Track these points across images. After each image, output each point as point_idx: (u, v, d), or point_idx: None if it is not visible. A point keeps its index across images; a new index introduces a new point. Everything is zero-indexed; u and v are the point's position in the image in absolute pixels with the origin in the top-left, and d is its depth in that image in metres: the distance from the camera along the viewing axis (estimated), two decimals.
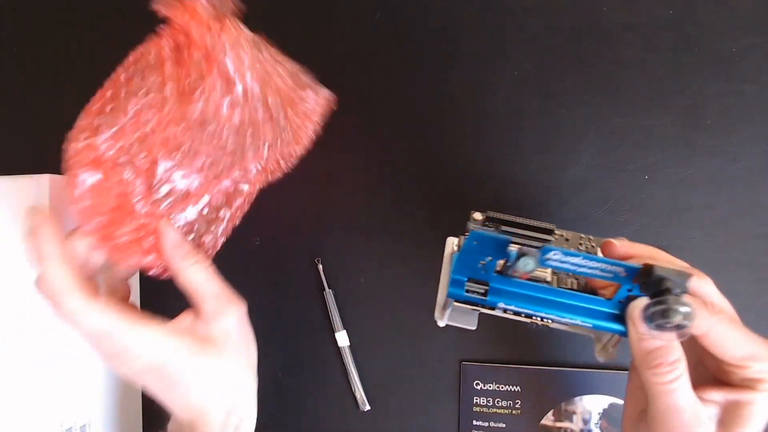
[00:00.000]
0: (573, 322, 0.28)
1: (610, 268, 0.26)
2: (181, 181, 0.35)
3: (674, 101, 0.41)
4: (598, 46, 0.42)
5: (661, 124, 0.41)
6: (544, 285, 0.29)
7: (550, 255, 0.26)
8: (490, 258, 0.27)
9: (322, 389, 0.44)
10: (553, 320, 0.29)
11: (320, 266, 0.43)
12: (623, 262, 0.26)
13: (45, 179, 0.35)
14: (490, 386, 0.42)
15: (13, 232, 0.35)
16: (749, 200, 0.40)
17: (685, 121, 0.41)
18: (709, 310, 0.27)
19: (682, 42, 0.41)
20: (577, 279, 0.30)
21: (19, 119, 0.47)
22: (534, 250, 0.25)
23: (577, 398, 0.41)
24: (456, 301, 0.30)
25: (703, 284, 0.29)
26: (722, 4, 0.41)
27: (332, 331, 0.43)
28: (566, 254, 0.25)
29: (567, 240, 0.31)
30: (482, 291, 0.28)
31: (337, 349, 0.43)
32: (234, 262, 0.44)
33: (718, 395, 0.28)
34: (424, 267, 0.42)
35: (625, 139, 0.41)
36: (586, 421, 0.41)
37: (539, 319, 0.29)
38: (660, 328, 0.25)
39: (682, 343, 0.28)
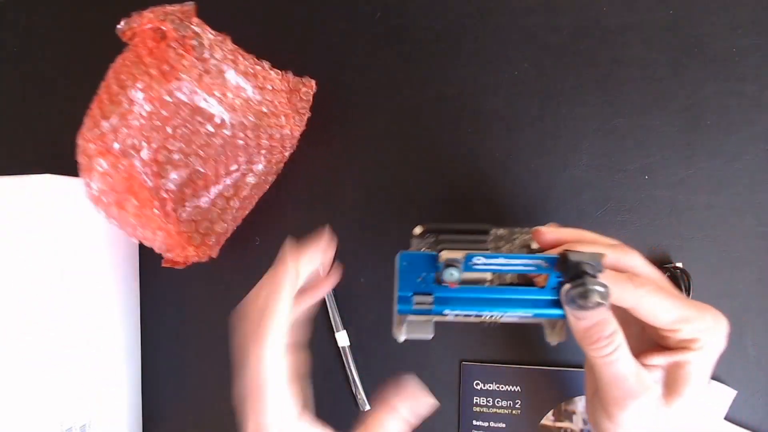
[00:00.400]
0: (516, 315, 0.30)
1: (531, 262, 0.28)
2: (186, 167, 0.38)
3: (674, 101, 0.41)
4: (598, 46, 0.42)
5: (661, 124, 0.41)
6: (484, 286, 0.30)
7: (475, 261, 0.27)
8: (424, 274, 0.29)
9: (322, 389, 0.43)
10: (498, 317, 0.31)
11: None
12: (541, 255, 0.28)
13: (45, 179, 0.35)
14: (490, 386, 0.42)
15: (13, 231, 0.35)
16: (749, 200, 0.40)
17: (685, 121, 0.41)
18: (635, 284, 0.29)
19: (682, 42, 0.41)
20: (516, 275, 0.32)
21: (19, 119, 0.47)
22: (458, 259, 0.27)
23: (577, 398, 0.41)
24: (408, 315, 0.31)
25: (630, 258, 0.31)
26: (722, 4, 0.41)
27: (332, 331, 0.43)
28: (489, 257, 0.27)
29: (502, 237, 0.33)
30: (428, 303, 0.29)
31: (337, 349, 0.43)
32: (234, 262, 0.45)
33: (660, 359, 0.30)
34: None
35: (625, 139, 0.41)
36: (586, 421, 0.41)
37: (488, 316, 0.31)
38: (582, 308, 0.27)
39: (625, 314, 0.30)
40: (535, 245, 0.32)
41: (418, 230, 0.33)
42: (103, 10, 0.47)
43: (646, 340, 0.32)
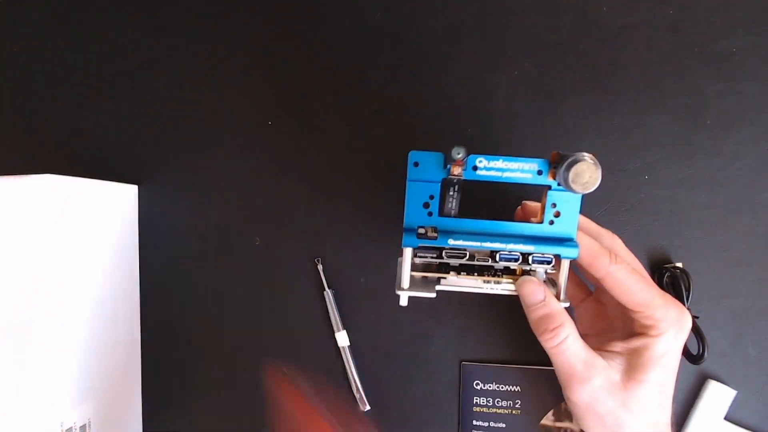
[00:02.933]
0: (516, 248, 0.31)
1: (528, 166, 0.30)
2: None
3: (674, 101, 0.41)
4: (598, 46, 0.42)
5: (661, 124, 0.41)
6: (485, 220, 0.32)
7: (477, 163, 0.30)
8: (431, 197, 0.31)
9: (322, 389, 0.44)
10: (500, 272, 0.33)
11: (320, 266, 0.43)
12: (536, 159, 0.30)
13: (45, 179, 0.35)
14: (490, 386, 0.42)
15: (13, 231, 0.35)
16: (749, 200, 0.41)
17: (685, 121, 0.41)
18: (611, 258, 0.32)
19: (682, 42, 0.41)
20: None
21: (19, 119, 0.47)
22: (465, 149, 0.28)
23: None
24: (413, 271, 0.32)
25: (612, 241, 0.35)
26: (722, 4, 0.41)
27: (332, 331, 0.43)
28: (489, 159, 0.30)
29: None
30: (433, 233, 0.31)
31: (337, 349, 0.43)
32: (234, 262, 0.45)
33: (619, 346, 0.33)
34: None
35: (625, 139, 0.41)
36: None
37: (490, 275, 0.33)
38: (577, 181, 0.29)
39: (605, 306, 0.35)
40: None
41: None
42: (103, 10, 0.47)
43: (622, 328, 0.35)
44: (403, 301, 0.33)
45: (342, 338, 0.43)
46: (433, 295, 0.32)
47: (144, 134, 0.45)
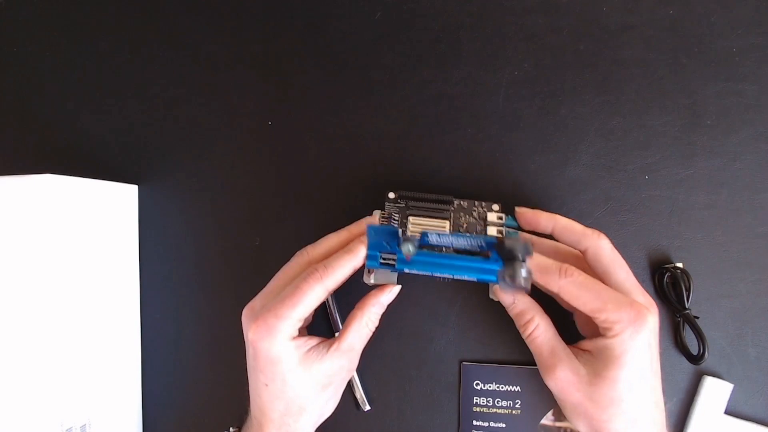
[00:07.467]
0: (464, 279, 0.35)
1: (475, 242, 0.34)
2: None
3: (674, 101, 0.41)
4: (598, 46, 0.42)
5: (661, 124, 0.41)
6: (439, 252, 0.35)
7: (430, 238, 0.34)
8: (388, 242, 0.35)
9: None
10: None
11: None
12: (481, 236, 0.34)
13: (45, 179, 0.35)
14: (490, 386, 0.42)
15: (13, 231, 0.35)
16: (749, 200, 0.41)
17: (685, 121, 0.41)
18: (560, 275, 0.34)
19: (682, 42, 0.41)
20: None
21: (19, 119, 0.47)
22: (413, 236, 0.34)
23: None
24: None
25: (598, 241, 0.35)
26: (722, 4, 0.41)
27: (332, 331, 0.43)
28: (441, 237, 0.34)
29: (463, 208, 0.38)
30: (392, 261, 0.35)
31: None
32: (234, 262, 0.45)
33: (588, 344, 0.35)
34: None
35: (625, 139, 0.41)
36: None
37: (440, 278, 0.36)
38: (511, 287, 0.33)
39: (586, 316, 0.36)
40: (491, 217, 0.38)
41: (391, 195, 0.38)
42: (104, 10, 0.47)
43: (590, 329, 0.36)
44: (369, 282, 0.38)
45: None
46: (394, 282, 0.38)
47: (144, 134, 0.45)
